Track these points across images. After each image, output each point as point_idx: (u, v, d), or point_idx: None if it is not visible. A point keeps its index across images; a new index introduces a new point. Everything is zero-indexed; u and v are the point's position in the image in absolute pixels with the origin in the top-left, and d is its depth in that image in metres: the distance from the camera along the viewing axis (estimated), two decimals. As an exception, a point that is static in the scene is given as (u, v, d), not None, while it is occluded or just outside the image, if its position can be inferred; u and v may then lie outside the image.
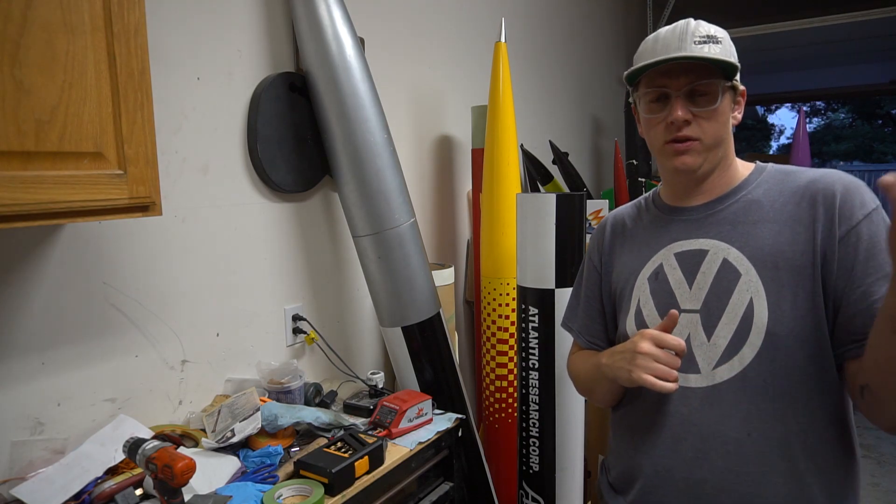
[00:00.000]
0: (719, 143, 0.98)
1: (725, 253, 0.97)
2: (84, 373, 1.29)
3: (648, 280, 1.05)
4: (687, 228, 1.03)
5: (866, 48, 6.17)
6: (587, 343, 1.20)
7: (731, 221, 0.99)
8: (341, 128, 1.63)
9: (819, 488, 0.94)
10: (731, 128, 1.02)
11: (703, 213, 1.02)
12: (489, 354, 2.16)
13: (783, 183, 0.99)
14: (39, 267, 1.22)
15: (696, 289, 0.99)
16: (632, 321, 1.06)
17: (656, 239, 1.07)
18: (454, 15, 2.50)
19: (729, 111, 0.99)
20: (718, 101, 0.95)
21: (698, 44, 0.95)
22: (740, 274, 0.95)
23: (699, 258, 1.00)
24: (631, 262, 1.10)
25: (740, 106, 1.02)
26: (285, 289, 1.76)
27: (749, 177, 1.02)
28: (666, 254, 1.04)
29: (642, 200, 1.16)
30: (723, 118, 0.97)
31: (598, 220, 2.93)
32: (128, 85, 1.01)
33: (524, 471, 1.85)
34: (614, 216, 1.19)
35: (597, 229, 1.22)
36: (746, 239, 0.96)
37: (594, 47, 4.08)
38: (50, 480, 1.12)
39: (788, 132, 13.91)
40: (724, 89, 0.96)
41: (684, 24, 0.97)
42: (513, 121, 2.14)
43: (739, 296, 0.95)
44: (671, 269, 1.02)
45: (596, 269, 1.18)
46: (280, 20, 1.70)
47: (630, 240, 1.12)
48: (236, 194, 1.60)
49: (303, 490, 1.19)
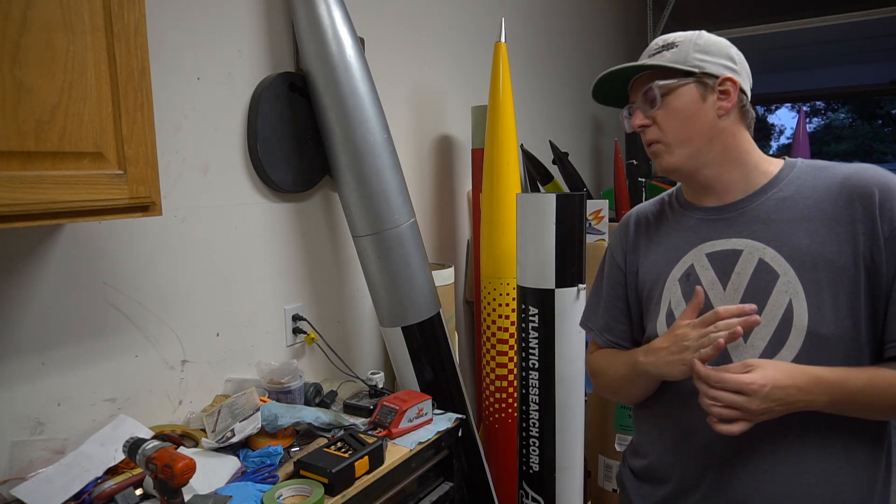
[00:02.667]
0: (689, 139, 0.98)
1: (761, 253, 0.95)
2: (84, 373, 1.29)
3: (679, 281, 1.03)
4: (717, 228, 1.01)
5: (866, 48, 6.17)
6: (608, 343, 1.17)
7: (764, 220, 0.97)
8: (341, 128, 1.63)
9: (853, 489, 0.93)
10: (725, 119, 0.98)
11: (734, 212, 1.00)
12: (489, 354, 2.16)
13: (816, 179, 0.96)
14: (39, 267, 1.22)
15: (730, 290, 0.97)
16: (663, 324, 1.03)
17: (685, 239, 1.04)
18: (454, 15, 2.50)
19: (694, 106, 0.97)
20: (658, 101, 0.98)
21: (652, 55, 1.01)
22: (778, 275, 0.93)
23: (733, 258, 0.98)
24: (659, 262, 1.07)
25: (728, 95, 0.97)
26: (285, 289, 1.76)
27: (780, 173, 0.99)
28: (697, 254, 1.01)
29: (666, 197, 1.14)
30: (683, 114, 0.97)
31: (598, 220, 2.93)
32: (128, 85, 1.01)
33: (524, 471, 1.85)
34: (637, 213, 1.16)
35: (619, 226, 1.19)
36: (783, 238, 0.94)
37: (594, 47, 4.08)
38: (50, 480, 1.12)
39: (788, 132, 13.90)
40: (668, 88, 0.97)
41: (655, 39, 1.04)
42: (513, 121, 2.14)
43: (778, 297, 0.93)
44: (703, 270, 1.00)
45: (619, 268, 1.15)
46: (280, 20, 1.70)
47: (656, 238, 1.10)
48: (236, 194, 1.60)
49: (303, 490, 1.19)
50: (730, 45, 1.01)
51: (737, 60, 1.00)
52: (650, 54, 1.02)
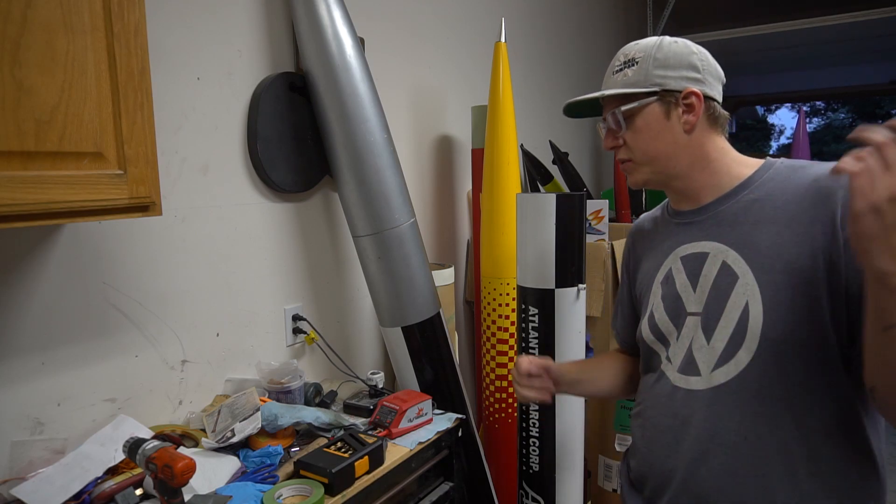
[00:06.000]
0: (656, 156, 1.00)
1: (724, 255, 0.97)
2: (84, 373, 1.29)
3: (661, 284, 1.07)
4: (690, 231, 1.03)
5: (866, 48, 6.17)
6: (624, 345, 1.28)
7: (731, 222, 0.98)
8: (341, 128, 1.63)
9: (824, 494, 0.91)
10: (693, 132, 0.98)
11: (704, 215, 1.02)
12: (489, 354, 2.16)
13: (788, 180, 0.95)
14: (39, 267, 1.22)
15: (699, 292, 0.99)
16: (646, 324, 1.09)
17: (667, 243, 1.08)
18: (454, 15, 2.50)
19: (658, 124, 0.98)
20: (623, 124, 1.01)
21: (615, 73, 1.03)
22: (738, 276, 0.94)
23: (701, 261, 1.00)
24: (649, 267, 1.12)
25: (693, 109, 0.97)
26: (285, 289, 1.76)
27: (753, 175, 0.99)
28: (674, 258, 1.05)
29: (662, 207, 1.17)
30: (647, 133, 0.99)
31: (598, 220, 2.92)
32: (128, 85, 1.01)
33: (524, 471, 1.85)
34: (637, 224, 1.22)
35: (628, 235, 1.25)
36: (744, 240, 0.95)
37: (594, 47, 4.08)
38: (50, 480, 1.12)
39: (788, 132, 13.90)
40: (630, 112, 1.00)
41: (618, 52, 1.05)
42: (513, 121, 2.14)
43: (736, 299, 0.94)
44: (678, 273, 1.03)
45: (626, 275, 1.23)
46: (280, 20, 1.70)
47: (650, 246, 1.14)
48: (236, 194, 1.60)
49: (303, 490, 1.19)
50: (691, 51, 0.99)
51: (700, 67, 0.98)
52: (613, 71, 1.04)
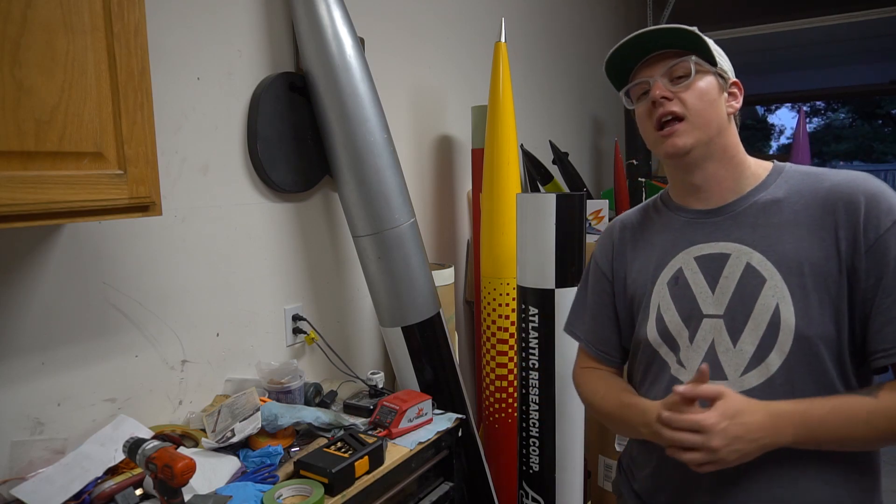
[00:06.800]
0: (709, 123, 0.96)
1: (748, 257, 0.95)
2: (84, 373, 1.29)
3: (668, 285, 1.02)
4: (705, 230, 1.01)
5: (866, 48, 6.18)
6: (597, 352, 1.17)
7: (752, 224, 0.97)
8: (341, 128, 1.63)
9: (847, 492, 0.93)
10: (730, 119, 1.00)
11: (721, 215, 1.00)
12: (489, 354, 2.16)
13: (804, 184, 0.96)
14: (39, 267, 1.22)
15: (718, 294, 0.97)
16: (653, 328, 1.03)
17: (672, 241, 1.04)
18: (454, 15, 2.50)
19: (716, 94, 0.97)
20: (693, 74, 0.95)
21: None
22: (765, 279, 0.93)
23: (721, 262, 0.98)
24: (646, 266, 1.07)
25: (735, 97, 1.00)
26: (285, 289, 1.76)
27: (767, 178, 0.99)
28: (685, 257, 1.01)
29: (650, 203, 1.14)
30: (707, 97, 0.96)
31: (598, 220, 2.93)
32: (128, 85, 1.01)
33: (524, 471, 1.85)
34: (622, 221, 1.16)
35: (602, 235, 1.19)
36: (769, 242, 0.94)
37: (594, 47, 4.08)
38: (50, 480, 1.12)
39: (788, 132, 13.90)
40: (702, 67, 0.96)
41: None
42: (513, 121, 2.14)
43: (765, 301, 0.93)
44: (692, 274, 1.00)
45: (605, 276, 1.15)
46: (280, 20, 1.70)
47: (642, 243, 1.10)
48: (236, 194, 1.60)
49: (303, 490, 1.19)
50: None
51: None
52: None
